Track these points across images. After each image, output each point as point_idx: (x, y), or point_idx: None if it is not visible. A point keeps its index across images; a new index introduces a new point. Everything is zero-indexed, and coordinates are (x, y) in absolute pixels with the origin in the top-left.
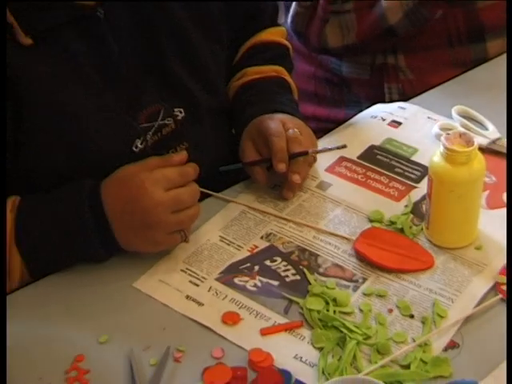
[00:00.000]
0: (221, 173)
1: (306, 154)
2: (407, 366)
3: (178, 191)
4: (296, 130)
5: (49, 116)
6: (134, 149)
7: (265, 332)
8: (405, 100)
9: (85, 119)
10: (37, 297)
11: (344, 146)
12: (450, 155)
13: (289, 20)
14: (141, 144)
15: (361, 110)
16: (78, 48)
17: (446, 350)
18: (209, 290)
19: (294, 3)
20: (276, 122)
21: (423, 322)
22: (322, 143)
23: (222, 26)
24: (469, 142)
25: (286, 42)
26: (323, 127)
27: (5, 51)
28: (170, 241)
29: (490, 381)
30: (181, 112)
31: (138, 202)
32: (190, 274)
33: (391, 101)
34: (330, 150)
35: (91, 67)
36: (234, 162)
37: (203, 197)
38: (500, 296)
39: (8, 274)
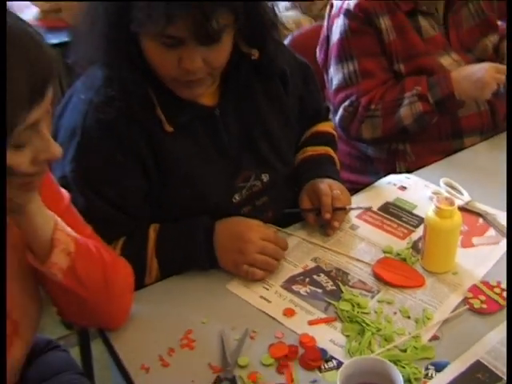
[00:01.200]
0: (286, 214)
1: (344, 209)
2: (404, 350)
3: (269, 244)
4: (338, 191)
5: (182, 177)
6: (233, 200)
7: (311, 323)
8: (409, 173)
9: (204, 181)
10: (165, 289)
11: (369, 208)
12: (438, 211)
13: (337, 119)
14: (238, 197)
15: (379, 178)
16: (202, 133)
17: (430, 340)
18: (275, 293)
19: (341, 109)
20: (325, 185)
21: (416, 322)
22: (354, 199)
23: (294, 120)
24: (451, 203)
25: (334, 132)
26: (354, 188)
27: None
28: (245, 271)
29: (459, 362)
30: (265, 177)
31: (239, 233)
32: (263, 282)
33: (400, 173)
34: (360, 208)
35: (209, 146)
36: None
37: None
38: (467, 306)
39: (148, 273)
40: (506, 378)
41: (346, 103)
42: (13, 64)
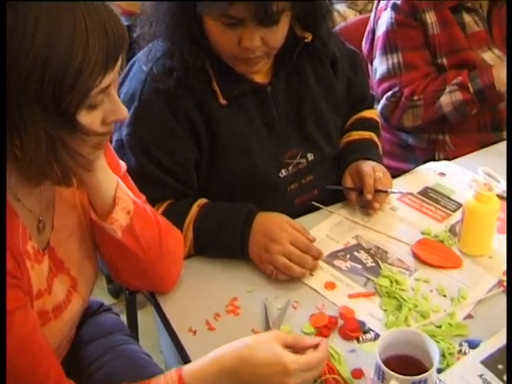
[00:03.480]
0: (328, 190)
1: (385, 192)
2: (440, 327)
3: (295, 250)
4: (381, 174)
5: (232, 150)
6: (280, 175)
7: (351, 296)
8: (447, 160)
9: (253, 152)
10: (214, 259)
11: (411, 193)
12: (478, 196)
13: (379, 108)
14: (284, 172)
15: (418, 165)
16: (253, 109)
17: (465, 318)
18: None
19: (383, 99)
20: (368, 167)
21: (452, 300)
22: (395, 183)
23: (342, 105)
24: (490, 189)
25: (378, 119)
26: (393, 173)
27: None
28: (269, 270)
29: (491, 341)
30: (311, 156)
31: (271, 230)
32: None
33: (439, 160)
34: (401, 193)
35: (260, 122)
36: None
37: (317, 208)
38: (502, 289)
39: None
40: None
41: (389, 93)
42: (92, 32)
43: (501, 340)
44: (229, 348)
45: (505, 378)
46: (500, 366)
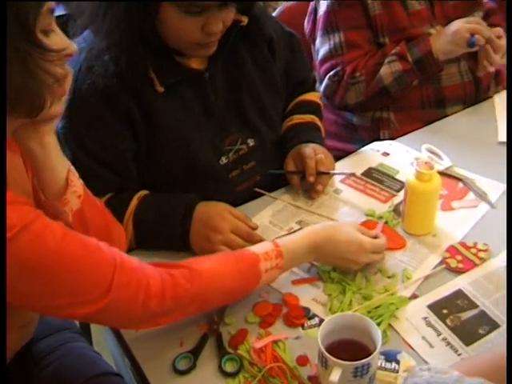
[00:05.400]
0: (271, 175)
1: (327, 173)
2: (379, 306)
3: (237, 238)
4: (322, 155)
5: (170, 138)
6: (221, 163)
7: (295, 283)
8: (392, 139)
9: (192, 142)
10: (153, 251)
11: (353, 174)
12: (418, 175)
13: (322, 88)
14: (225, 160)
15: (363, 145)
16: (190, 96)
17: (410, 298)
18: None
19: (326, 79)
20: (310, 149)
21: (395, 281)
22: (338, 165)
23: (282, 87)
24: (431, 167)
25: (320, 102)
26: (339, 155)
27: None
28: (213, 252)
29: (440, 289)
30: (252, 141)
31: (211, 220)
32: None
33: (384, 140)
34: (343, 174)
35: (198, 109)
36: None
37: (260, 195)
38: (444, 266)
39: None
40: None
41: (332, 73)
42: None
43: (448, 290)
44: (318, 227)
45: (448, 321)
46: (445, 311)
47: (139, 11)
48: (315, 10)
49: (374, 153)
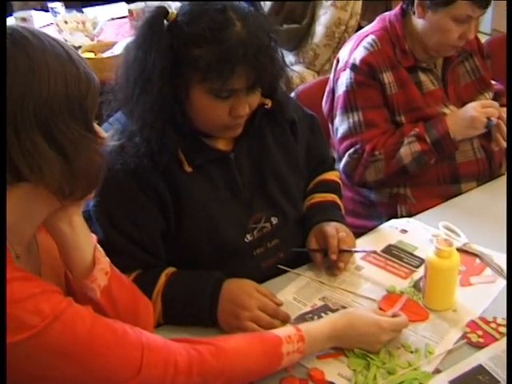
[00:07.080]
0: (293, 253)
1: (349, 251)
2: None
3: (264, 315)
4: (344, 234)
5: (198, 216)
6: (246, 240)
7: (320, 357)
8: (410, 216)
9: (218, 220)
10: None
11: (374, 251)
12: (438, 252)
13: (341, 165)
14: (250, 237)
15: (382, 223)
16: (217, 175)
17: (433, 373)
18: None
19: (345, 156)
20: (332, 228)
21: (418, 355)
22: (359, 242)
23: (303, 166)
24: (450, 244)
25: (339, 180)
26: (357, 231)
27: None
28: (240, 329)
29: (461, 364)
30: (275, 219)
31: (238, 297)
32: None
33: (401, 217)
34: (365, 251)
35: (224, 188)
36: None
37: (284, 271)
38: (465, 340)
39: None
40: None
41: (351, 150)
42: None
43: (470, 365)
44: (337, 315)
45: None
46: None
47: (171, 96)
48: (333, 90)
49: (393, 230)
